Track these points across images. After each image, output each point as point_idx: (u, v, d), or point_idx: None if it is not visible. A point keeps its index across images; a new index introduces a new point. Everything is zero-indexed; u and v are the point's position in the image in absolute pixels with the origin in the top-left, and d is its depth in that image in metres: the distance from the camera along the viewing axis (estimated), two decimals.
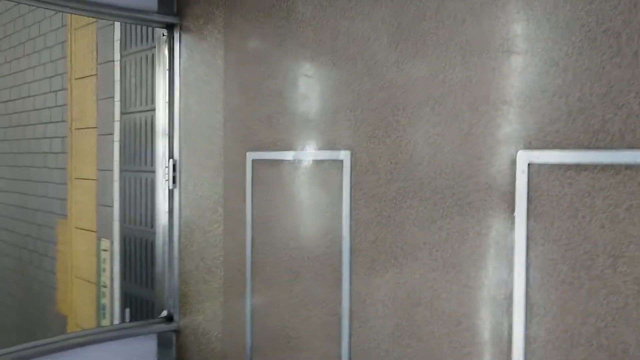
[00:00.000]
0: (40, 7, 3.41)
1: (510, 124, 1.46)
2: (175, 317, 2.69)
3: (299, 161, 2.06)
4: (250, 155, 2.27)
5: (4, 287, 4.88)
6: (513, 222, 1.45)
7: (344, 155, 1.88)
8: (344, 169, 1.88)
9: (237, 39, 2.38)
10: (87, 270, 3.67)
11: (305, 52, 2.04)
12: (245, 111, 2.29)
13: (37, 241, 4.34)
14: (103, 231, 3.49)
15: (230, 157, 2.39)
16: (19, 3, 3.67)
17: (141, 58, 3.17)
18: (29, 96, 4.47)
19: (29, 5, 2.63)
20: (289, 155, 2.09)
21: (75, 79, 3.79)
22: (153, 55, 3.02)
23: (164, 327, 2.69)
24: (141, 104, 3.15)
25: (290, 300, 2.09)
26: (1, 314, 4.97)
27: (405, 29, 1.70)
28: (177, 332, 2.69)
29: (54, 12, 4.01)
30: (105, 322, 3.50)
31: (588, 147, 1.31)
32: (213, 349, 2.50)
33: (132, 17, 2.77)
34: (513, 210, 1.45)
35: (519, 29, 1.45)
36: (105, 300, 3.51)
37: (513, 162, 1.45)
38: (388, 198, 1.75)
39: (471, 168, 1.54)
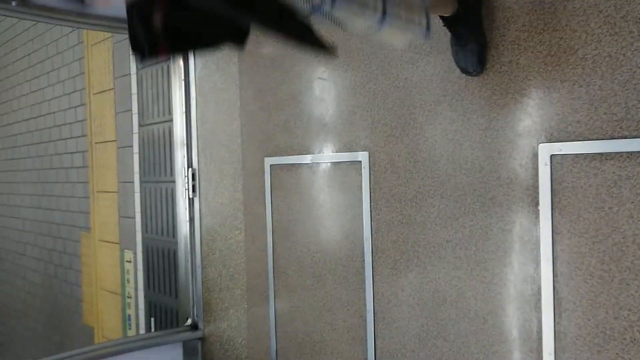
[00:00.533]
0: (58, 24, 3.48)
1: (530, 116, 1.44)
2: (200, 325, 2.70)
3: (317, 164, 2.06)
4: (269, 161, 2.27)
5: (32, 301, 4.96)
6: (537, 216, 1.42)
7: (362, 156, 1.87)
8: (363, 170, 1.87)
9: (251, 46, 2.39)
10: (111, 282, 3.71)
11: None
12: (262, 117, 2.30)
13: (62, 255, 4.41)
14: (126, 242, 3.53)
15: (248, 163, 2.40)
16: (39, 21, 3.75)
17: (157, 70, 3.20)
18: (49, 113, 4.54)
19: (46, 22, 2.68)
20: (306, 159, 2.09)
21: (94, 94, 3.85)
22: (169, 67, 3.05)
23: (189, 335, 2.70)
24: (158, 115, 3.18)
25: (314, 304, 2.08)
26: (29, 328, 5.04)
27: None
28: (202, 339, 2.70)
29: (71, 29, 4.08)
30: (131, 333, 3.52)
31: (612, 136, 1.28)
32: (238, 355, 2.50)
33: None
34: (537, 204, 1.42)
35: None
36: (131, 311, 3.53)
37: (535, 155, 1.42)
38: (408, 197, 1.73)
39: (492, 163, 1.52)
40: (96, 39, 3.80)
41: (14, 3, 2.19)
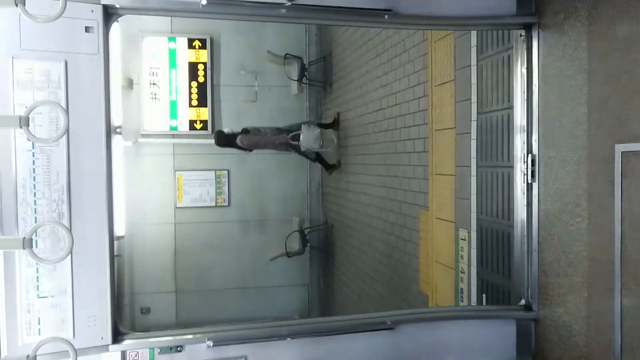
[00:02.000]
0: (418, 29, 3.99)
1: None
2: (534, 306, 2.78)
3: None
4: (620, 148, 2.18)
5: (377, 266, 5.84)
6: None
7: None
8: None
9: (604, 28, 2.31)
10: (446, 257, 4.09)
11: None
12: (615, 101, 2.21)
13: (402, 229, 5.06)
14: (461, 222, 3.84)
15: (595, 150, 2.34)
16: (400, 29, 4.35)
17: (497, 60, 3.36)
18: (395, 104, 5.23)
19: (409, 29, 3.13)
20: None
21: (435, 85, 4.26)
22: (509, 57, 3.18)
23: (522, 314, 2.82)
24: (497, 104, 3.34)
25: None
26: (373, 288, 5.95)
27: None
28: (535, 321, 2.78)
29: (414, 30, 4.59)
30: (463, 305, 3.84)
31: None
32: (575, 342, 2.49)
33: (491, 24, 3.00)
34: None
35: None
36: (463, 285, 3.84)
37: None
38: None
39: None
40: (439, 36, 4.19)
41: (386, 17, 2.67)
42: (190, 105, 7.56)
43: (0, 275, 2.21)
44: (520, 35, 2.85)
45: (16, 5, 1.87)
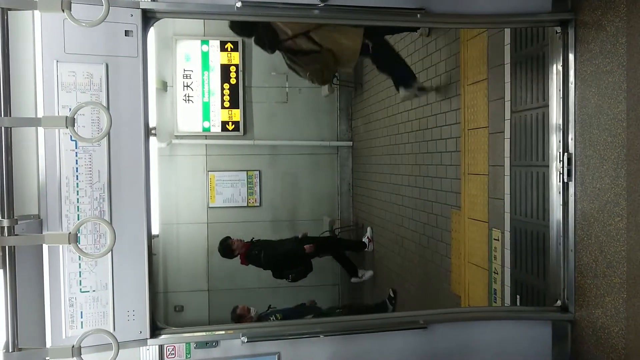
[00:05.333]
0: (443, 27, 3.96)
1: None
2: (571, 308, 2.73)
3: None
4: None
5: (407, 265, 5.81)
6: None
7: None
8: None
9: None
10: (479, 257, 4.05)
11: None
12: None
13: (434, 229, 5.02)
14: (494, 222, 3.80)
15: (634, 148, 2.29)
16: (445, 28, 4.31)
17: (532, 58, 3.31)
18: (426, 104, 5.20)
19: (429, 27, 3.12)
20: None
21: (468, 84, 4.22)
22: (544, 54, 3.13)
23: (558, 315, 2.77)
24: (532, 102, 3.29)
25: None
26: (405, 288, 5.93)
27: None
28: (572, 322, 2.73)
29: (447, 29, 4.56)
30: (496, 306, 3.79)
31: None
32: (613, 345, 2.44)
33: (526, 21, 2.96)
34: None
35: None
36: (496, 286, 3.80)
37: None
38: None
39: None
40: (471, 34, 4.15)
41: (418, 16, 2.66)
42: (223, 107, 7.67)
43: (46, 271, 2.30)
44: (556, 32, 2.81)
45: (63, 10, 1.95)
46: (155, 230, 6.87)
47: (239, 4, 2.45)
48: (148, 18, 2.45)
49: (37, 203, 2.34)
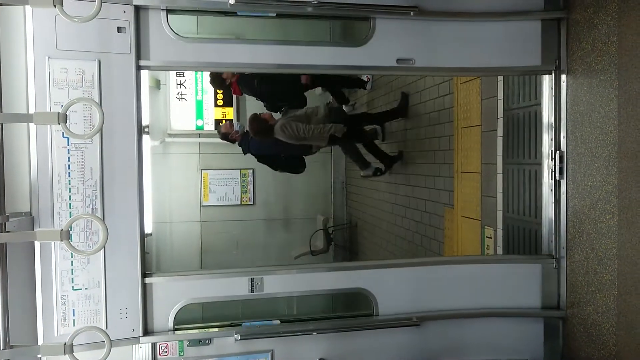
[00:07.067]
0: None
1: None
2: (562, 305, 2.75)
3: None
4: None
5: None
6: None
7: None
8: None
9: (634, 22, 2.27)
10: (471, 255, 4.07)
11: None
12: None
13: (427, 227, 5.03)
14: (487, 220, 3.81)
15: (626, 145, 2.31)
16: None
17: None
18: (419, 103, 5.21)
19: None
20: None
21: (461, 83, 4.23)
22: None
23: (550, 312, 2.79)
24: (524, 100, 3.30)
25: None
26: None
27: None
28: (563, 319, 2.75)
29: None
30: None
31: None
32: (605, 341, 2.46)
33: (518, 19, 2.96)
34: None
35: None
36: None
37: None
38: None
39: None
40: None
41: (412, 14, 2.67)
42: (216, 105, 7.65)
43: (37, 268, 2.29)
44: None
45: (54, 6, 1.93)
46: (148, 229, 6.87)
47: (232, 1, 2.44)
48: (140, 14, 2.43)
49: (29, 200, 2.32)
